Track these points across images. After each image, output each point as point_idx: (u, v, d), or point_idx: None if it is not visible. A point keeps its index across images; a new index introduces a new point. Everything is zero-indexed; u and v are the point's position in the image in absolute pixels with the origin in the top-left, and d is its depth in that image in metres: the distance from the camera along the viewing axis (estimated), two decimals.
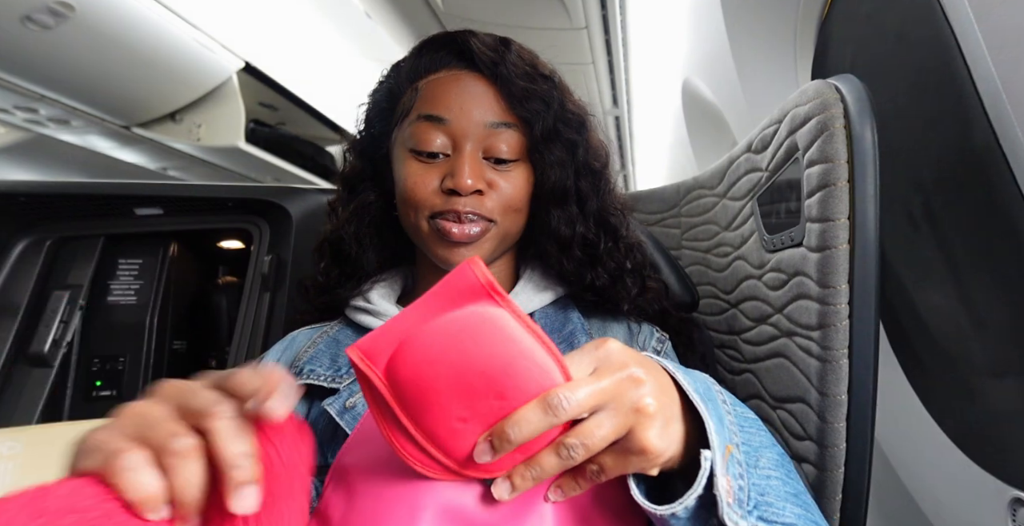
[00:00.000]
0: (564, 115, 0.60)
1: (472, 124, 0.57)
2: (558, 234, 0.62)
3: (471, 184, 0.55)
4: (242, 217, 1.15)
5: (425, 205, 0.58)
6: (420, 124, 0.58)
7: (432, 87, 0.59)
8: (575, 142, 0.61)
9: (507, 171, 0.59)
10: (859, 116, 0.52)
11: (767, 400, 0.67)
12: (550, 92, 0.59)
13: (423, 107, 0.58)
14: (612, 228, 0.64)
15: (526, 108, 0.58)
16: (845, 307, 0.53)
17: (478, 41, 0.59)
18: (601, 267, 0.63)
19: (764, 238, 0.67)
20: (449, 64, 0.60)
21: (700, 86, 1.68)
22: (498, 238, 0.60)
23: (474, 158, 0.57)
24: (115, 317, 1.18)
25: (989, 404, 0.72)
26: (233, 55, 2.57)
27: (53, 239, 1.17)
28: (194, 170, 3.41)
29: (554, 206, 0.61)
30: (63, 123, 2.67)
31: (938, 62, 0.65)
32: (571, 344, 0.60)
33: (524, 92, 0.58)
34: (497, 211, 0.59)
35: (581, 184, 0.62)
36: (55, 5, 1.87)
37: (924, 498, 0.83)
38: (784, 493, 0.39)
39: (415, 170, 0.58)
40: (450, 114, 0.57)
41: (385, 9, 2.04)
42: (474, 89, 0.58)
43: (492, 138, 0.58)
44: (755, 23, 1.15)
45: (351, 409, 0.53)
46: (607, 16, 1.98)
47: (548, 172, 0.59)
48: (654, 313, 0.67)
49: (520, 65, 0.58)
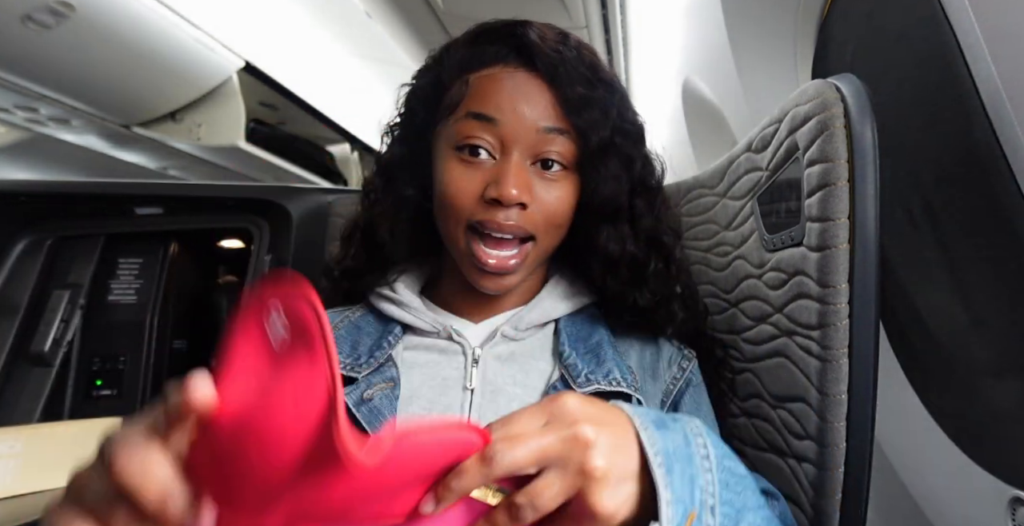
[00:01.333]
0: (623, 126, 0.57)
1: (523, 127, 0.53)
2: (606, 252, 0.59)
3: (516, 194, 0.52)
4: (242, 217, 1.15)
5: (464, 213, 0.55)
6: (468, 122, 0.54)
7: (484, 83, 0.55)
8: (632, 156, 0.57)
9: (553, 180, 0.55)
10: (859, 115, 0.52)
11: (767, 399, 0.67)
12: (610, 100, 0.56)
13: (473, 104, 0.55)
14: (665, 249, 0.61)
15: (583, 116, 0.54)
16: (845, 306, 0.53)
17: (538, 35, 0.55)
18: (647, 289, 0.60)
19: (764, 237, 0.67)
20: (506, 59, 0.55)
21: (700, 85, 1.68)
22: (538, 258, 0.58)
23: (520, 165, 0.54)
24: (115, 316, 1.18)
25: (989, 403, 0.72)
26: (233, 54, 2.56)
27: (53, 238, 1.17)
28: (194, 170, 3.40)
29: (605, 222, 0.58)
30: (63, 122, 2.67)
31: (938, 62, 0.65)
32: (597, 356, 0.59)
33: (582, 99, 0.54)
34: (540, 227, 0.56)
35: (636, 201, 0.59)
36: (55, 4, 1.87)
37: (924, 497, 0.84)
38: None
39: (458, 174, 0.55)
40: (501, 115, 0.53)
41: (385, 9, 2.04)
42: (529, 90, 0.54)
43: (543, 143, 0.54)
44: (755, 23, 1.15)
45: (368, 401, 0.53)
46: (607, 15, 1.98)
47: (601, 186, 0.56)
48: (688, 332, 0.66)
49: (580, 68, 0.55)
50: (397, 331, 0.60)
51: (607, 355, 0.59)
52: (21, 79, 2.25)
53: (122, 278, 1.20)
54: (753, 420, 0.71)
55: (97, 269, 1.18)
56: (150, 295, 1.19)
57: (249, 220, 1.15)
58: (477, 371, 0.57)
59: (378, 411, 0.53)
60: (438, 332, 0.60)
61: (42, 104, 2.45)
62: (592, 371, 0.56)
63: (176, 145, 2.98)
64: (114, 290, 1.19)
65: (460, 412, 0.55)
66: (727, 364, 0.70)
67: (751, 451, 0.71)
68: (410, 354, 0.60)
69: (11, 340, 1.09)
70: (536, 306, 0.61)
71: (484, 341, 0.60)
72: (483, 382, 0.57)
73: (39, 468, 0.91)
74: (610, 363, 0.58)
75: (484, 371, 0.57)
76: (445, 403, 0.56)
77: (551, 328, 0.63)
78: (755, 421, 0.70)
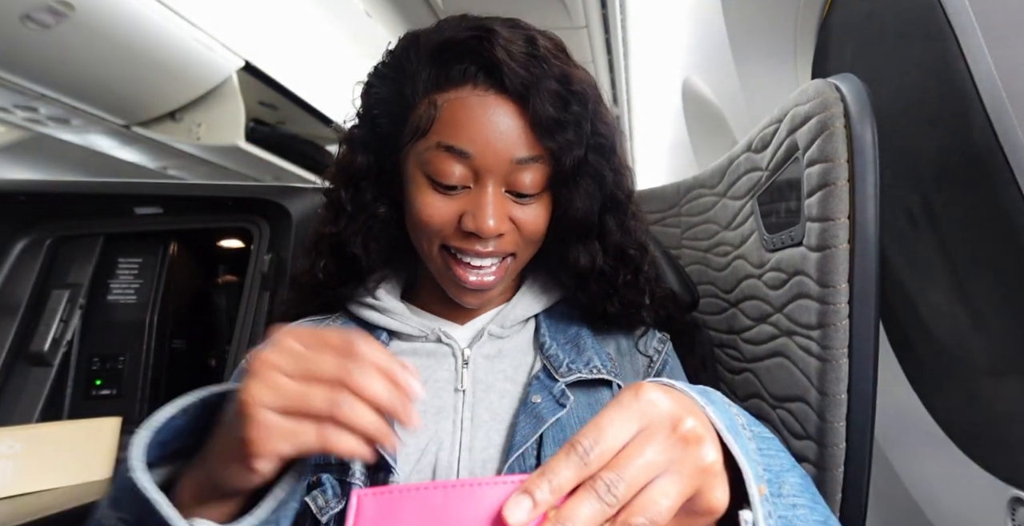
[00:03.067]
0: (597, 142, 0.56)
1: (498, 160, 0.52)
2: (577, 266, 0.60)
3: (493, 227, 0.52)
4: (242, 216, 1.15)
5: (438, 238, 0.55)
6: (440, 153, 0.52)
7: (455, 110, 0.52)
8: (603, 174, 0.57)
9: (529, 204, 0.55)
10: (859, 115, 0.52)
11: (767, 399, 0.67)
12: (583, 115, 0.54)
13: (444, 134, 0.52)
14: (633, 262, 0.62)
15: (556, 140, 0.53)
16: (845, 306, 0.53)
17: (505, 52, 0.52)
18: (616, 299, 0.62)
19: (764, 237, 0.67)
20: (475, 78, 0.53)
21: (700, 85, 1.68)
22: (514, 271, 0.59)
23: (496, 195, 0.53)
24: (115, 316, 1.18)
25: (989, 403, 0.72)
26: (233, 54, 2.56)
27: (53, 238, 1.17)
28: (194, 169, 3.40)
29: (575, 240, 0.59)
30: (63, 122, 2.66)
31: (938, 61, 0.65)
32: (577, 346, 0.60)
33: (555, 122, 0.52)
34: (520, 246, 0.57)
35: (605, 218, 0.60)
36: (55, 4, 1.87)
37: (923, 497, 0.84)
38: (812, 522, 0.35)
39: (432, 201, 0.54)
40: (474, 148, 0.52)
41: (385, 8, 2.04)
42: (501, 120, 0.52)
43: (517, 173, 0.53)
44: (755, 22, 1.15)
45: None
46: (607, 15, 1.98)
47: (572, 206, 0.56)
48: (658, 318, 0.67)
49: (552, 83, 0.52)
50: (383, 338, 0.61)
51: (586, 344, 0.60)
52: (21, 79, 2.25)
53: (122, 278, 1.20)
54: None
55: (97, 269, 1.18)
56: (150, 295, 1.19)
57: (249, 220, 1.15)
58: (468, 371, 0.58)
59: None
60: (426, 336, 0.60)
61: (42, 104, 2.45)
62: (573, 360, 0.58)
63: (176, 144, 2.98)
64: (114, 290, 1.19)
65: (453, 413, 0.55)
66: (696, 347, 0.73)
67: None
68: (402, 356, 0.59)
69: (11, 340, 1.09)
70: (518, 303, 0.63)
71: (472, 341, 0.60)
72: (474, 381, 0.58)
73: (38, 468, 0.91)
74: (590, 352, 0.59)
75: (475, 371, 0.58)
76: (438, 405, 0.56)
77: (532, 323, 0.64)
78: None
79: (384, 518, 0.32)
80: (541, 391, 0.55)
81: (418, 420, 0.36)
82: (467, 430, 0.54)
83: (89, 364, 1.14)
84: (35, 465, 0.91)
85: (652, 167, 3.35)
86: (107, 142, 2.97)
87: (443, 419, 0.55)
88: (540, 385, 0.55)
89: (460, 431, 0.54)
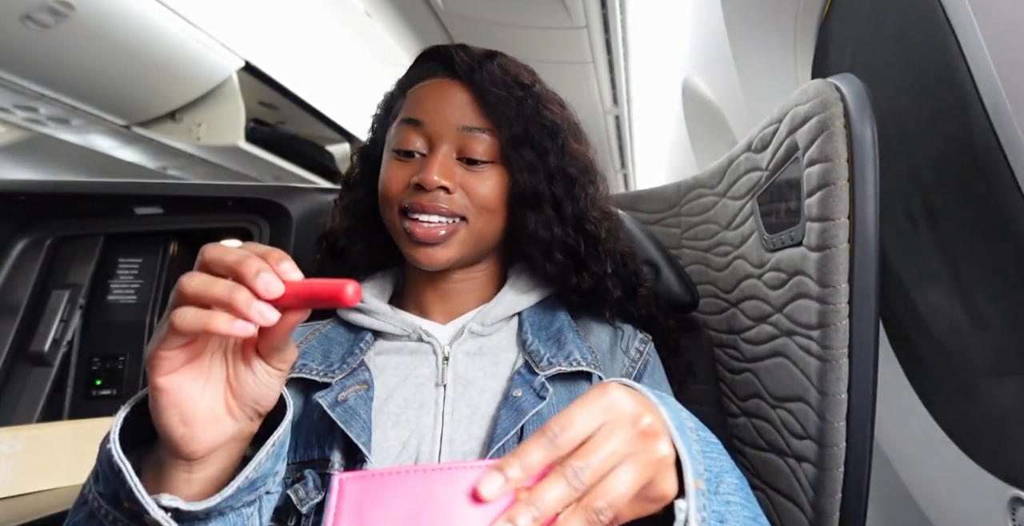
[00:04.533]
0: (538, 120, 0.63)
1: (446, 127, 0.61)
2: (537, 237, 0.64)
3: (436, 179, 0.58)
4: (242, 216, 1.15)
5: (395, 200, 0.61)
6: (401, 127, 0.62)
7: (416, 93, 0.64)
8: (546, 148, 0.63)
9: (480, 171, 0.61)
10: (859, 115, 0.52)
11: (767, 399, 0.68)
12: (524, 99, 0.62)
13: (405, 111, 0.63)
14: (590, 234, 0.65)
15: (498, 113, 0.61)
16: (845, 306, 0.53)
17: (464, 53, 0.63)
18: (585, 271, 0.65)
19: (764, 237, 0.67)
20: (436, 73, 0.64)
21: (700, 85, 1.68)
22: (472, 238, 0.62)
23: (446, 158, 0.60)
24: (115, 316, 1.18)
25: (989, 403, 0.72)
26: (233, 54, 2.56)
27: (53, 238, 1.17)
28: (194, 169, 3.40)
29: (528, 208, 0.63)
30: (63, 122, 2.67)
31: (938, 62, 0.65)
32: (559, 341, 0.62)
33: (497, 99, 0.61)
34: (470, 209, 0.61)
35: (555, 189, 0.64)
36: (55, 4, 1.87)
37: (923, 497, 0.84)
38: (743, 518, 0.39)
39: (392, 168, 0.62)
40: (426, 116, 0.61)
41: (385, 8, 2.03)
42: (452, 95, 0.62)
43: (465, 141, 0.61)
44: (755, 22, 1.15)
45: (342, 402, 0.54)
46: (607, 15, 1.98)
47: (519, 175, 0.62)
48: (641, 317, 0.69)
49: (498, 74, 0.62)
50: (368, 338, 0.63)
51: (567, 339, 0.62)
52: (21, 79, 2.25)
53: (122, 278, 1.20)
54: (753, 420, 0.71)
55: (97, 269, 1.18)
56: (150, 295, 1.19)
57: (249, 220, 1.15)
58: (448, 367, 0.60)
59: (353, 411, 0.54)
60: (408, 335, 0.62)
61: (41, 104, 2.45)
62: (554, 354, 0.60)
63: (176, 145, 2.98)
64: (114, 290, 1.19)
65: (435, 408, 0.57)
66: (682, 352, 0.74)
67: (751, 451, 0.71)
68: (382, 358, 0.62)
69: (11, 340, 1.09)
70: (500, 302, 0.65)
71: (453, 339, 0.63)
72: (455, 377, 0.59)
73: (38, 468, 0.91)
74: (571, 346, 0.61)
75: (455, 367, 0.60)
76: (420, 401, 0.58)
77: (516, 321, 0.66)
78: (755, 421, 0.70)
79: (365, 499, 0.34)
80: (522, 385, 0.56)
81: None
82: (448, 423, 0.56)
83: (89, 364, 1.14)
84: (35, 465, 0.91)
85: (652, 167, 3.35)
86: (107, 142, 2.98)
87: (424, 413, 0.56)
88: (521, 379, 0.57)
89: (441, 425, 0.56)
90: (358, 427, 0.52)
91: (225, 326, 0.34)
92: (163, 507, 0.36)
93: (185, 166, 3.36)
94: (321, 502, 0.51)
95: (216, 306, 0.34)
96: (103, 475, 0.38)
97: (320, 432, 0.54)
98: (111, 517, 0.38)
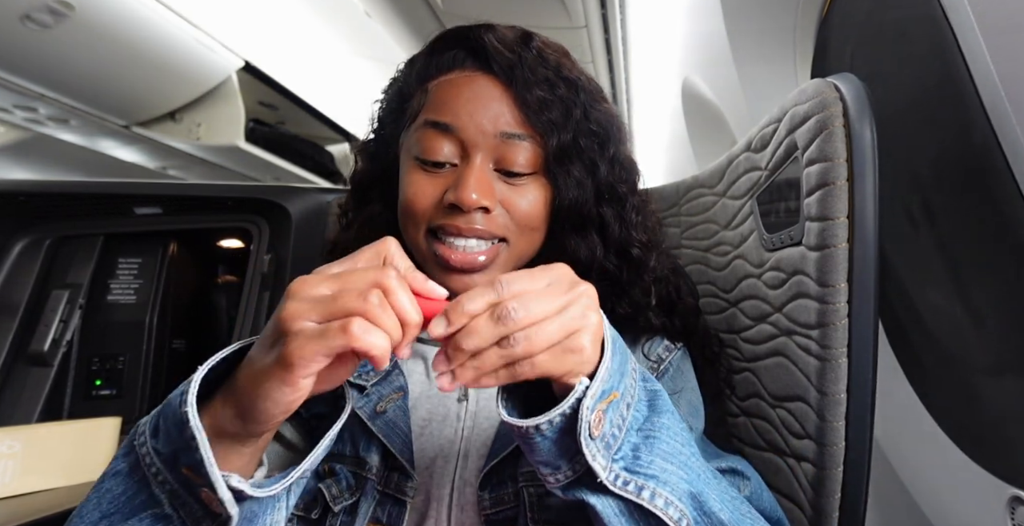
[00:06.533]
0: (588, 127, 0.54)
1: (482, 134, 0.51)
2: (575, 257, 0.56)
3: (475, 199, 0.50)
4: (242, 216, 1.15)
5: (423, 218, 0.53)
6: (426, 131, 0.53)
7: (442, 90, 0.54)
8: (595, 161, 0.55)
9: (521, 185, 0.53)
10: (858, 115, 0.52)
11: (766, 399, 0.67)
12: (572, 100, 0.53)
13: (430, 112, 0.53)
14: (634, 260, 0.58)
15: (542, 119, 0.52)
16: (844, 306, 0.53)
17: (495, 38, 0.53)
18: (626, 299, 0.59)
19: (763, 237, 0.67)
20: (463, 64, 0.54)
21: (700, 85, 1.68)
22: (512, 260, 0.55)
23: (483, 170, 0.51)
24: (115, 316, 1.18)
25: (988, 402, 0.72)
26: (233, 54, 2.56)
27: (52, 238, 1.17)
28: (194, 169, 3.41)
29: (572, 231, 0.56)
30: (62, 122, 2.67)
31: (938, 62, 0.65)
32: None
33: (541, 101, 0.52)
34: (511, 229, 0.53)
35: (603, 210, 0.57)
36: (55, 4, 1.87)
37: (923, 496, 0.84)
38: (661, 451, 0.40)
39: (417, 179, 0.53)
40: (458, 121, 0.51)
41: (385, 8, 2.03)
42: (486, 94, 0.52)
43: (504, 149, 0.52)
44: (755, 22, 1.15)
45: (381, 414, 0.53)
46: (607, 15, 1.98)
47: (565, 191, 0.54)
48: (674, 328, 0.64)
49: (540, 68, 0.53)
50: None
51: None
52: (21, 79, 2.25)
53: (121, 278, 1.20)
54: (752, 419, 0.71)
55: (96, 269, 1.18)
56: (149, 295, 1.19)
57: (249, 220, 1.15)
58: None
59: (394, 424, 0.53)
60: (431, 339, 0.60)
61: (41, 104, 2.45)
62: None
63: (175, 145, 2.98)
64: (113, 290, 1.19)
65: (456, 422, 0.55)
66: (721, 361, 0.70)
67: (750, 450, 0.71)
68: (409, 363, 0.60)
69: (11, 340, 1.09)
70: None
71: None
72: (476, 391, 0.57)
73: (38, 468, 0.91)
74: None
75: None
76: (443, 413, 0.56)
77: None
78: (754, 420, 0.70)
79: None
80: None
81: (408, 353, 0.38)
82: (466, 439, 0.54)
83: (89, 364, 1.14)
84: (35, 465, 0.91)
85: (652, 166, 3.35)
86: (107, 142, 2.98)
87: (446, 427, 0.55)
88: None
89: (460, 441, 0.54)
90: (400, 443, 0.52)
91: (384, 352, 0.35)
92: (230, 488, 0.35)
93: (185, 166, 3.36)
94: (353, 504, 0.50)
95: (381, 328, 0.35)
96: (165, 432, 0.36)
97: (354, 431, 0.54)
98: (161, 477, 0.36)
